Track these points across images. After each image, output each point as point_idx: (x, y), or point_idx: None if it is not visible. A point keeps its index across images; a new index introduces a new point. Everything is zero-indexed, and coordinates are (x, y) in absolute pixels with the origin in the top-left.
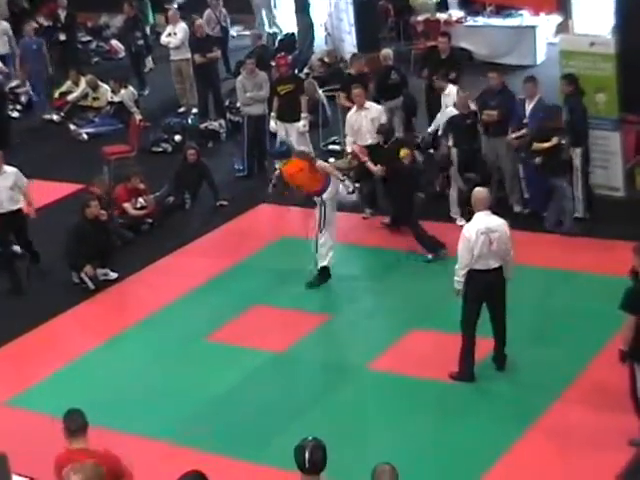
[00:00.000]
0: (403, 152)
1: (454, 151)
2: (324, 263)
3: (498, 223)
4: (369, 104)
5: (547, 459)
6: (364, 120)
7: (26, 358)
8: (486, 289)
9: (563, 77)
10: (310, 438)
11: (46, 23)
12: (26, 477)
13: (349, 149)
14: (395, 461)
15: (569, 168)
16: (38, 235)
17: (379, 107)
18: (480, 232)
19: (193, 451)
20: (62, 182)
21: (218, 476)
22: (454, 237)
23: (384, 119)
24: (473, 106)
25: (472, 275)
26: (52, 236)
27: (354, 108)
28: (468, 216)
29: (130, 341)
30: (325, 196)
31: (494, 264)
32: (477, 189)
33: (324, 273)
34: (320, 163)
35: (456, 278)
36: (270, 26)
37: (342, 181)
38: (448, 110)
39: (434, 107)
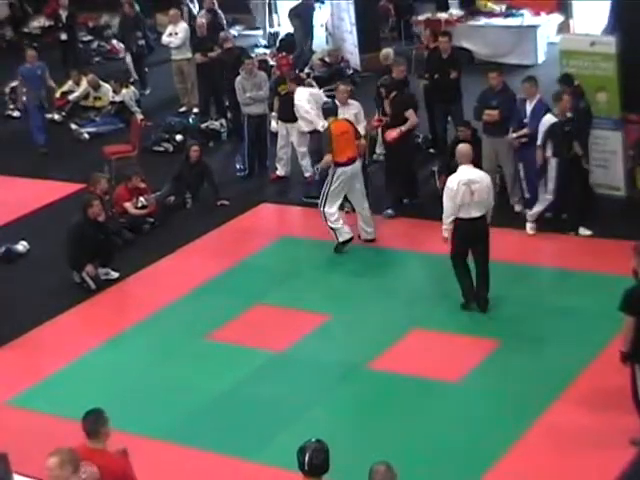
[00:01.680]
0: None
1: (553, 161)
2: (345, 237)
3: (480, 175)
4: (351, 101)
5: (547, 459)
6: (347, 115)
7: (27, 358)
8: (471, 236)
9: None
10: (313, 440)
11: (47, 23)
12: (27, 476)
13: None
14: (395, 461)
15: None
16: (39, 235)
17: (357, 103)
18: (462, 183)
19: (193, 450)
20: (63, 182)
21: (219, 475)
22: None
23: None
24: (569, 113)
25: (458, 224)
26: (53, 236)
27: (338, 104)
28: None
29: (131, 341)
30: (347, 169)
31: (476, 213)
32: (461, 145)
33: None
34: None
35: (443, 227)
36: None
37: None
38: (547, 118)
39: (434, 107)
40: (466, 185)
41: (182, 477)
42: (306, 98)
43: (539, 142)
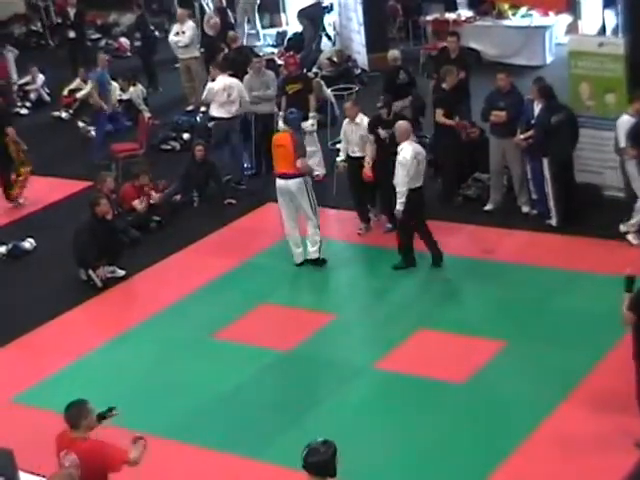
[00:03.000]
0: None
1: (632, 162)
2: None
3: (421, 147)
4: (360, 118)
5: (553, 461)
6: (353, 134)
7: (33, 355)
8: (417, 204)
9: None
10: (319, 439)
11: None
12: (32, 474)
13: (342, 155)
14: (400, 461)
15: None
16: (46, 232)
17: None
18: (412, 157)
19: (198, 448)
20: (70, 179)
21: (224, 473)
22: (457, 238)
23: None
24: None
25: (408, 195)
26: (60, 233)
27: (347, 119)
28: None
29: (137, 339)
30: (279, 182)
31: (418, 183)
32: (399, 122)
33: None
34: (304, 160)
35: (401, 201)
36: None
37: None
38: (624, 119)
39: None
40: (415, 158)
41: (187, 475)
42: (220, 86)
43: (622, 144)
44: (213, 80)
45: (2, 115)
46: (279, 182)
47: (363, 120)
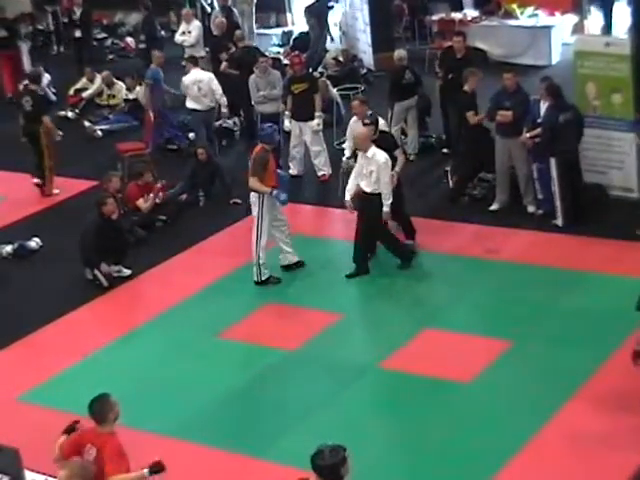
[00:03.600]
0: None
1: None
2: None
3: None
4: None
5: (559, 459)
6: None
7: (39, 354)
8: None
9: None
10: (330, 443)
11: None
12: (38, 472)
13: (347, 153)
14: (407, 460)
15: None
16: (51, 231)
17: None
18: (387, 157)
19: (204, 448)
20: (76, 179)
21: (229, 473)
22: (463, 238)
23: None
24: None
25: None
26: (65, 232)
27: (354, 117)
28: None
29: (142, 338)
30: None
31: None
32: (357, 131)
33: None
34: (254, 181)
35: (389, 202)
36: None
37: (271, 194)
38: None
39: (448, 107)
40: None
41: (192, 475)
42: (191, 80)
43: None
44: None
45: (39, 103)
46: None
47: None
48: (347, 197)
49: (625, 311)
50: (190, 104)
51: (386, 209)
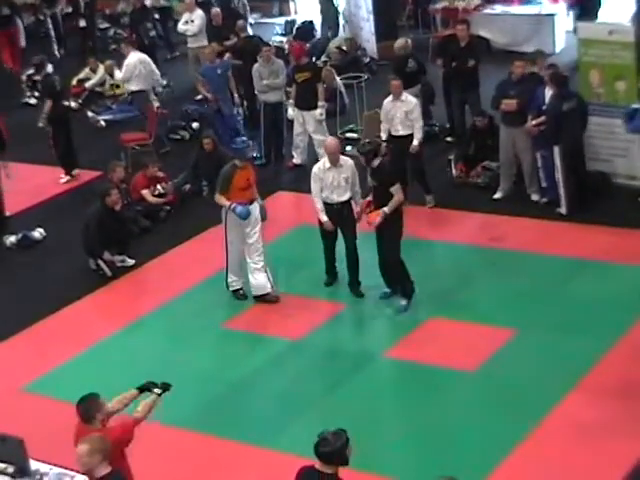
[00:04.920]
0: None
1: None
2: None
3: None
4: (405, 96)
5: (563, 448)
6: (398, 111)
7: (43, 344)
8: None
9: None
10: (332, 429)
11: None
12: (43, 462)
13: (384, 136)
14: (411, 449)
15: None
16: (55, 222)
17: (414, 100)
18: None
19: (209, 437)
20: (79, 169)
21: (235, 462)
22: (467, 226)
23: (417, 112)
24: None
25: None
26: (69, 223)
27: (390, 97)
28: None
29: (147, 328)
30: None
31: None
32: (328, 141)
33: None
34: (216, 196)
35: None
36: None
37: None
38: None
39: (451, 95)
40: None
41: (198, 464)
42: (135, 60)
43: None
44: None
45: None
46: None
47: (408, 97)
48: (323, 218)
49: (629, 299)
50: (134, 86)
51: (416, 142)
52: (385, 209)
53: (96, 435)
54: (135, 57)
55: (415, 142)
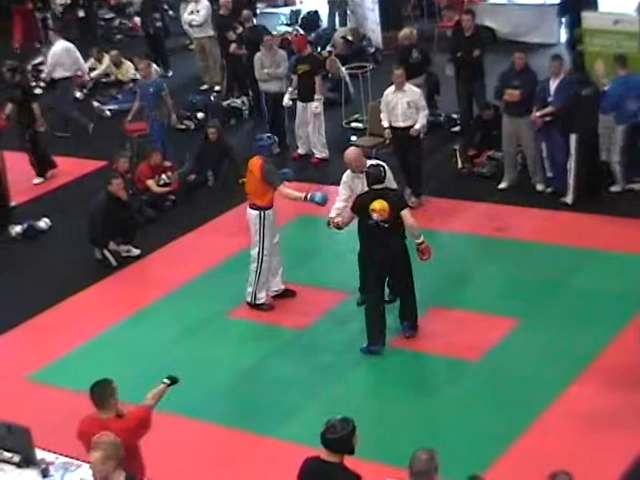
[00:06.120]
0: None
1: None
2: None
3: None
4: (408, 86)
5: (567, 438)
6: (400, 102)
7: (49, 333)
8: None
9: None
10: (338, 417)
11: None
12: (49, 451)
13: (385, 124)
14: (414, 438)
15: None
16: (61, 211)
17: (417, 90)
18: None
19: (215, 426)
20: (85, 159)
21: (240, 451)
22: (472, 216)
23: (422, 102)
24: None
25: None
26: (75, 212)
27: (392, 87)
28: None
29: (152, 318)
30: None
31: None
32: (347, 152)
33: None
34: (282, 189)
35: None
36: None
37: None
38: None
39: (457, 85)
40: None
41: (204, 453)
42: (62, 48)
43: None
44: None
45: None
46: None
47: (410, 87)
48: (332, 214)
49: (634, 290)
50: (58, 73)
51: (418, 126)
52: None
53: (109, 440)
54: (61, 45)
55: (417, 125)
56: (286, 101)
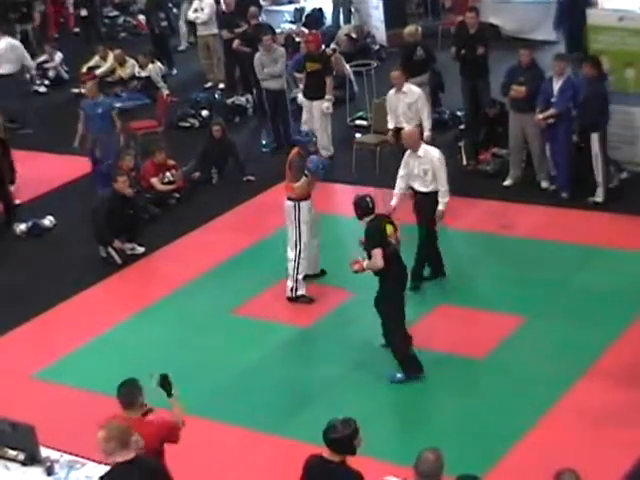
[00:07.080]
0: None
1: None
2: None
3: None
4: (408, 87)
5: (573, 436)
6: (400, 103)
7: (54, 331)
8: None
9: (587, 59)
10: (341, 417)
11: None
12: (54, 449)
13: (390, 126)
14: (421, 436)
15: None
16: (65, 209)
17: (418, 91)
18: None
19: (219, 424)
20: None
21: (244, 449)
22: (477, 213)
23: (422, 102)
24: None
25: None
26: (79, 210)
27: (393, 89)
28: None
29: (156, 316)
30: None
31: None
32: (407, 131)
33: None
34: (297, 184)
35: (445, 200)
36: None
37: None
38: None
39: (462, 82)
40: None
41: (207, 451)
42: (5, 45)
43: None
44: None
45: None
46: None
47: (411, 88)
48: (393, 202)
49: (638, 288)
50: (3, 69)
51: (441, 207)
52: (364, 264)
53: (116, 423)
54: (4, 42)
55: (426, 133)
56: (300, 98)
